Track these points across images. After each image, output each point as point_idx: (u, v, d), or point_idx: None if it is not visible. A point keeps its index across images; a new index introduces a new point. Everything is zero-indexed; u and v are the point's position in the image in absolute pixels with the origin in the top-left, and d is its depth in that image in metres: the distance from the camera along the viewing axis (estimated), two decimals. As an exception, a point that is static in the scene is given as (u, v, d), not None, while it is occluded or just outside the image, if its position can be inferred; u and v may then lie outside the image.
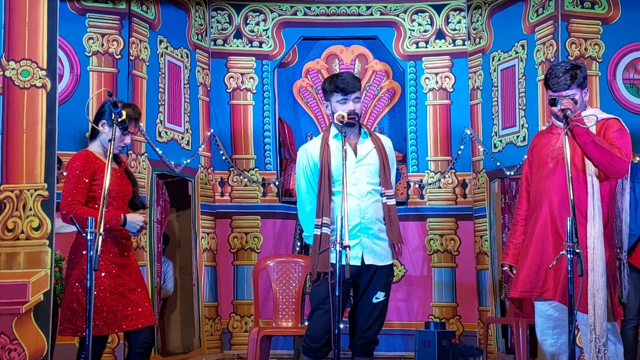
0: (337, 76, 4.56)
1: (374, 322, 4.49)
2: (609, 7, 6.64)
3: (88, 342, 3.65)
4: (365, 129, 4.62)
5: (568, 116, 4.00)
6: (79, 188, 4.27)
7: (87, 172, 4.30)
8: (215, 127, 7.78)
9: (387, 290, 4.53)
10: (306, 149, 4.66)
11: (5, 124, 4.77)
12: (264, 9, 7.90)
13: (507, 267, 4.49)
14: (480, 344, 7.28)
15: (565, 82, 4.18)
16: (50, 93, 4.80)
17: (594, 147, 4.07)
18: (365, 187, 4.49)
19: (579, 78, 4.21)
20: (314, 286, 4.56)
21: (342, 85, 4.47)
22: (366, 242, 4.46)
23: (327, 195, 4.44)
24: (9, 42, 4.83)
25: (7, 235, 4.70)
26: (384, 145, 4.56)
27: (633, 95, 6.62)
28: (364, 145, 4.56)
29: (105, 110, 4.41)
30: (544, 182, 4.27)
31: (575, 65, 4.27)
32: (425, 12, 7.83)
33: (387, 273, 4.53)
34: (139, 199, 4.56)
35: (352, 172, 4.45)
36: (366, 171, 4.51)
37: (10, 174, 4.75)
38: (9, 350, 4.64)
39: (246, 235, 7.75)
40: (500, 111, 7.28)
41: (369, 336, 4.50)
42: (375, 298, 4.46)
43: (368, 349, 4.52)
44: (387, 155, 4.56)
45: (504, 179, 7.29)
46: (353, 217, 4.42)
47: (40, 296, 4.65)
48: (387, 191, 4.49)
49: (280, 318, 6.10)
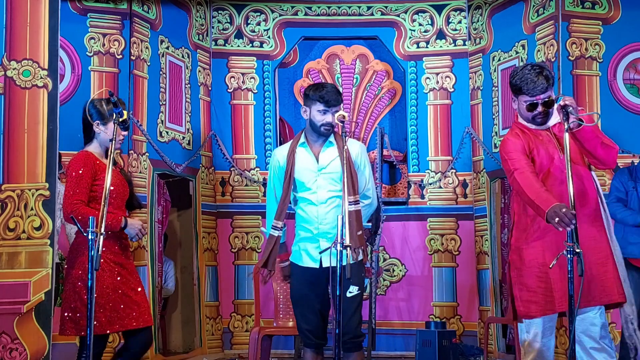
0: (322, 87, 4.65)
1: (351, 315, 4.51)
2: (610, 7, 6.64)
3: (90, 341, 3.65)
4: (331, 139, 4.65)
5: (570, 112, 3.97)
6: (81, 187, 4.26)
7: (88, 172, 4.30)
8: (216, 127, 7.78)
9: (360, 284, 4.58)
10: (275, 153, 4.83)
11: (6, 123, 4.78)
12: (264, 9, 7.91)
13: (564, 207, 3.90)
14: (480, 343, 7.29)
15: (542, 85, 4.14)
16: (51, 93, 4.81)
17: (602, 148, 4.10)
18: (325, 194, 4.62)
19: (551, 79, 4.18)
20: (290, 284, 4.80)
21: (327, 98, 4.57)
22: (324, 245, 4.54)
23: (286, 200, 4.70)
24: (11, 42, 4.84)
25: (9, 234, 4.71)
26: (349, 151, 4.61)
27: (633, 95, 6.62)
28: (326, 154, 4.65)
29: (92, 112, 4.42)
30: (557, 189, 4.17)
31: (541, 66, 4.23)
32: (425, 12, 7.83)
33: (356, 268, 4.51)
34: (136, 199, 4.56)
35: (314, 180, 4.63)
36: (328, 178, 4.62)
37: (12, 174, 4.76)
38: (10, 349, 4.65)
39: (247, 235, 7.76)
40: (501, 111, 7.28)
41: (350, 330, 4.51)
42: (348, 292, 4.50)
43: (353, 344, 4.54)
44: (352, 162, 4.61)
45: (504, 179, 7.29)
46: (312, 223, 4.65)
47: (41, 296, 4.66)
48: (350, 197, 4.52)
49: (281, 318, 6.11)
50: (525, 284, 4.20)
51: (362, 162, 4.68)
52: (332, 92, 4.59)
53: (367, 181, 4.69)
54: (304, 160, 4.65)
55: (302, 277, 4.64)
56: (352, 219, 4.52)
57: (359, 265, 4.62)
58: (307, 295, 4.60)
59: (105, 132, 4.37)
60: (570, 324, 3.73)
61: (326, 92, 4.58)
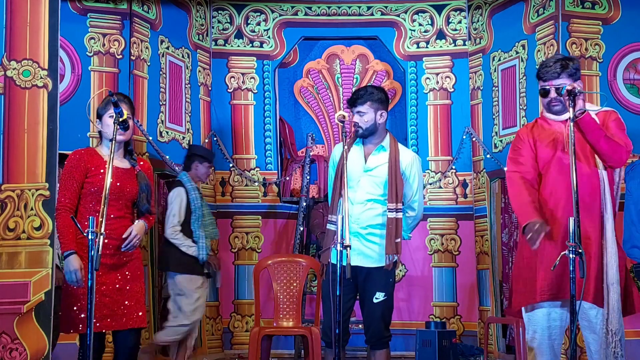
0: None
1: (377, 320, 4.67)
2: (610, 7, 6.64)
3: (89, 341, 3.65)
4: (386, 145, 4.74)
5: (575, 94, 3.93)
6: (69, 188, 4.32)
7: (78, 170, 4.32)
8: (216, 127, 7.78)
9: (386, 290, 4.71)
10: (335, 147, 4.95)
11: (6, 123, 4.78)
12: (264, 9, 7.91)
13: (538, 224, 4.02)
14: (480, 343, 7.29)
15: (555, 71, 4.12)
16: (51, 93, 4.80)
17: (606, 141, 4.04)
18: (364, 195, 4.69)
19: (570, 68, 4.13)
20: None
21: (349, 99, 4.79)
22: (355, 244, 4.60)
23: (337, 195, 4.69)
24: (11, 42, 4.83)
25: (9, 234, 4.70)
26: (399, 161, 4.71)
27: (633, 95, 6.62)
28: (376, 158, 4.74)
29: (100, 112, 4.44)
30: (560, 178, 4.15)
31: (568, 57, 4.22)
32: (425, 12, 7.83)
33: (383, 274, 4.68)
34: (143, 204, 4.45)
35: (357, 180, 4.70)
36: (371, 181, 4.70)
37: (12, 174, 4.75)
38: (10, 349, 4.64)
39: (247, 235, 7.76)
40: (501, 111, 7.28)
41: (376, 332, 4.69)
42: (375, 299, 4.67)
43: (379, 343, 4.71)
44: (399, 171, 4.70)
45: (504, 178, 7.28)
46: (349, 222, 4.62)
47: (41, 296, 4.65)
48: (391, 205, 4.64)
49: (281, 317, 6.11)
50: (515, 276, 4.30)
51: (411, 174, 4.76)
52: (354, 93, 4.77)
53: (415, 193, 4.77)
54: (354, 158, 4.74)
55: (329, 274, 4.72)
56: (392, 226, 4.64)
57: (387, 272, 4.70)
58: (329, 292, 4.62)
59: (101, 128, 4.41)
60: (571, 323, 3.72)
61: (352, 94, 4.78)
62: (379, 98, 4.75)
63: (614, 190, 4.21)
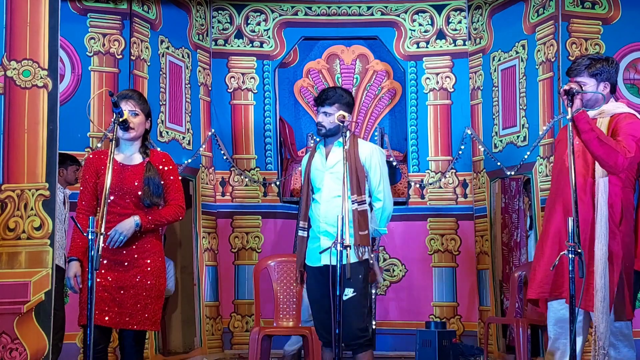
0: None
1: (348, 319, 4.47)
2: (610, 7, 6.64)
3: (90, 341, 3.66)
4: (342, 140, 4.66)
5: (573, 93, 3.93)
6: (83, 190, 4.33)
7: (89, 172, 4.33)
8: (216, 127, 7.78)
9: (355, 286, 4.58)
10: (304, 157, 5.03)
11: (6, 123, 4.77)
12: (264, 9, 7.91)
13: None
14: (480, 343, 7.28)
15: (578, 68, 4.15)
16: (51, 93, 4.80)
17: (598, 144, 3.98)
18: (330, 192, 4.73)
19: (594, 68, 4.13)
20: None
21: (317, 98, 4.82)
22: (326, 243, 4.58)
23: (305, 201, 4.82)
24: (11, 42, 4.83)
25: (9, 234, 4.70)
26: (357, 153, 4.72)
27: (633, 95, 6.62)
28: (334, 155, 4.78)
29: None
30: (560, 178, 4.17)
31: (597, 57, 4.21)
32: (425, 12, 7.83)
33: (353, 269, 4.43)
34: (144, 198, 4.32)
35: (321, 180, 4.79)
36: (335, 178, 4.71)
37: (12, 174, 4.75)
38: (10, 349, 4.64)
39: (247, 235, 7.76)
40: (501, 111, 7.28)
41: (349, 334, 4.50)
42: (344, 295, 4.44)
43: (356, 345, 4.60)
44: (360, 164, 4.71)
45: (504, 178, 7.29)
46: (316, 221, 4.77)
47: (41, 296, 4.65)
48: (354, 197, 4.64)
49: (281, 318, 6.11)
50: None
51: (371, 165, 4.76)
52: (322, 92, 4.80)
53: (378, 184, 4.76)
54: (316, 160, 4.85)
55: (310, 276, 4.78)
56: (356, 218, 4.63)
57: (358, 267, 4.62)
58: (315, 293, 4.73)
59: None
60: (571, 323, 3.73)
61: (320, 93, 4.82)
62: (347, 102, 4.79)
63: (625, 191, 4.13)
